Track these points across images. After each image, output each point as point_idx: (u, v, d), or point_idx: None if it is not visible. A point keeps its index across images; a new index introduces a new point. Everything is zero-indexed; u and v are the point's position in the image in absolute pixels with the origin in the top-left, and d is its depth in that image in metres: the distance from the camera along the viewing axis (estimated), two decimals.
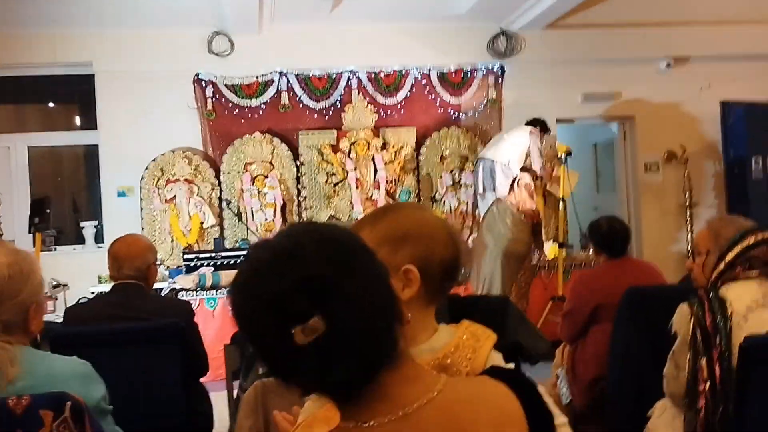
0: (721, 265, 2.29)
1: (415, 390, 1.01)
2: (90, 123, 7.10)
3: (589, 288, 3.55)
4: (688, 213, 7.43)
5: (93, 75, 6.90)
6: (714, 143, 7.67)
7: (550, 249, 6.31)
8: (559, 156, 6.07)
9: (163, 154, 6.82)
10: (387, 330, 1.04)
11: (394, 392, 1.01)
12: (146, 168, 6.78)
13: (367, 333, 1.02)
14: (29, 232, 4.84)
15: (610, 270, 3.57)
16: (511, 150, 6.04)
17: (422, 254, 1.33)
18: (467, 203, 7.05)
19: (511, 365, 1.37)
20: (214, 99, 6.96)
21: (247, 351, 2.23)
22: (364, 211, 6.77)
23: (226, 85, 6.98)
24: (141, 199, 6.78)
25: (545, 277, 6.20)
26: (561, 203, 6.13)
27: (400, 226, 1.35)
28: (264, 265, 1.07)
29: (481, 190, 6.25)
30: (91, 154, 7.23)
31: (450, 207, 7.05)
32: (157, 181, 6.78)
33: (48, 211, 4.54)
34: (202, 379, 3.33)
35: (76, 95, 7.34)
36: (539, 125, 6.24)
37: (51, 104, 7.80)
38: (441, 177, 7.10)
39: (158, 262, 3.31)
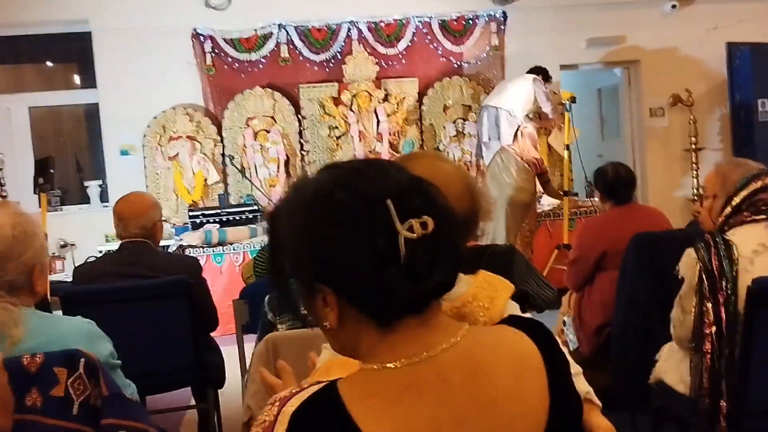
0: (728, 209, 2.28)
1: (438, 335, 1.02)
2: (89, 81, 7.07)
3: (595, 235, 3.55)
4: (693, 158, 7.37)
5: (90, 33, 6.82)
6: (720, 86, 7.57)
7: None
8: (563, 102, 6.00)
9: (164, 112, 6.80)
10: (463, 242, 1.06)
11: (418, 336, 1.01)
12: (148, 126, 6.77)
13: (459, 239, 1.05)
14: (34, 193, 4.85)
15: (616, 217, 3.57)
16: (515, 98, 6.06)
17: None
18: (471, 153, 7.07)
19: (528, 315, 1.36)
20: (213, 54, 6.90)
21: (260, 310, 2.23)
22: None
23: (224, 39, 6.91)
24: (144, 158, 6.78)
25: (550, 225, 6.21)
26: (565, 151, 6.11)
27: (421, 174, 1.33)
28: (364, 167, 1.05)
29: (486, 138, 6.28)
30: (91, 112, 7.20)
31: (454, 157, 7.02)
32: (160, 139, 6.78)
33: (52, 171, 4.54)
34: (212, 334, 3.36)
35: (74, 54, 7.32)
36: (541, 73, 6.23)
37: (49, 63, 7.77)
38: (444, 127, 7.10)
39: (163, 219, 3.29)
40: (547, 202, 6.35)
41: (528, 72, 6.33)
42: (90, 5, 6.73)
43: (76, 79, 7.59)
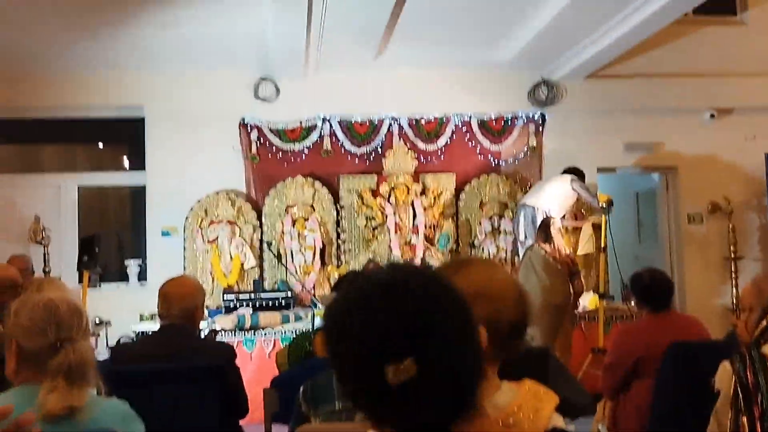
0: (764, 323, 2.30)
1: None
2: (138, 164, 7.31)
3: (631, 341, 3.52)
4: (732, 266, 7.23)
5: (143, 118, 7.11)
6: (759, 195, 7.53)
7: (590, 300, 6.28)
8: (600, 205, 6.02)
9: (207, 196, 6.96)
10: (474, 377, 1.06)
11: None
12: (191, 209, 6.92)
13: (457, 378, 1.03)
14: (77, 270, 4.95)
15: (653, 323, 3.53)
16: (553, 198, 6.06)
17: (492, 314, 1.32)
18: (506, 250, 7.05)
19: (572, 428, 1.38)
20: (258, 143, 7.11)
21: (293, 397, 2.24)
22: (402, 255, 6.82)
23: (270, 129, 7.13)
24: (184, 239, 6.88)
25: (585, 327, 6.14)
26: (601, 253, 6.09)
27: (472, 285, 1.32)
28: (363, 297, 1.06)
29: (522, 237, 6.21)
30: (138, 194, 7.39)
31: (489, 253, 7.03)
32: (201, 222, 6.90)
33: (97, 249, 4.66)
34: (240, 422, 3.39)
35: (125, 137, 7.51)
36: (576, 174, 6.27)
37: (101, 144, 8.01)
38: (480, 223, 7.11)
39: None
40: (583, 304, 6.24)
41: (563, 172, 6.39)
42: (146, 92, 7.03)
43: (126, 161, 7.72)
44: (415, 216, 6.98)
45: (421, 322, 1.03)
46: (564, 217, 6.40)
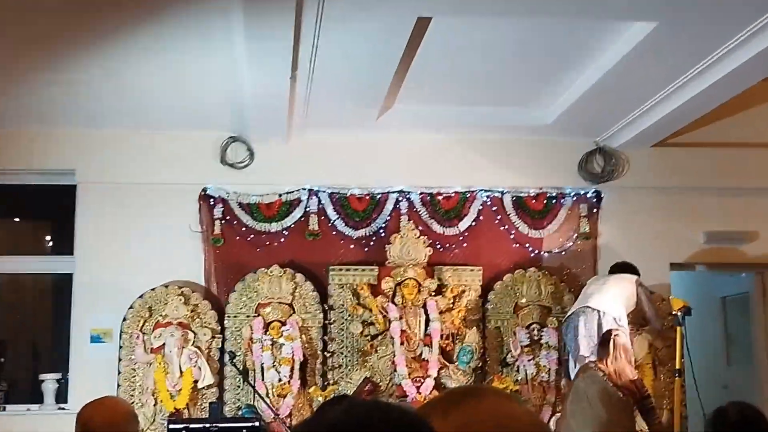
0: None
1: None
2: (64, 246, 7.36)
3: None
4: None
5: (74, 185, 7.22)
6: None
7: None
8: (673, 313, 6.10)
9: (153, 290, 6.93)
10: None
11: None
12: (130, 306, 6.86)
13: None
14: None
15: None
16: (619, 301, 6.11)
17: None
18: (549, 370, 7.00)
19: None
20: (223, 221, 7.16)
21: None
22: (410, 374, 6.75)
23: (240, 204, 7.19)
24: (120, 347, 6.82)
25: None
26: (676, 378, 6.04)
27: (481, 421, 1.32)
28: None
29: (585, 351, 6.24)
30: (61, 285, 7.43)
31: (526, 375, 6.99)
32: (143, 324, 6.85)
33: (2, 359, 4.56)
34: None
35: (49, 209, 7.64)
36: (632, 272, 6.41)
37: (16, 219, 8.03)
38: (515, 333, 7.06)
39: None
40: None
41: (612, 270, 6.56)
42: (78, 152, 7.17)
43: (48, 242, 7.86)
44: (428, 322, 6.93)
45: None
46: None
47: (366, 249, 7.26)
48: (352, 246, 7.26)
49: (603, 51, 5.79)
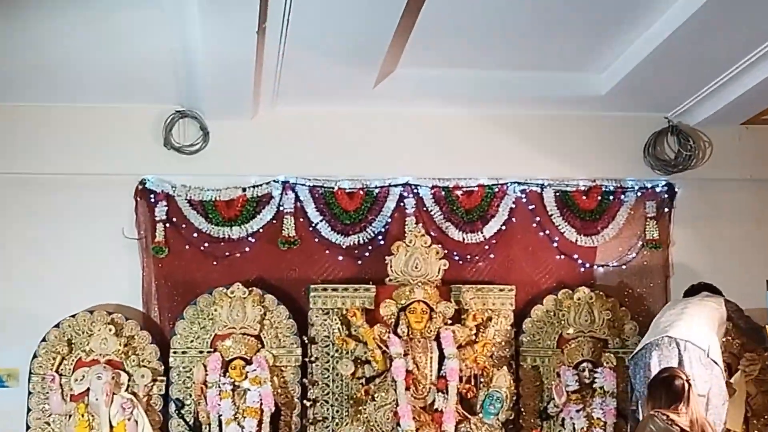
0: None
1: None
2: None
3: None
4: None
5: None
6: None
7: None
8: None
9: (73, 317, 6.79)
10: None
11: None
12: (43, 339, 6.72)
13: None
14: None
15: None
16: (706, 329, 6.09)
17: None
18: (605, 425, 6.83)
19: None
20: (168, 224, 7.06)
21: None
22: (418, 430, 6.58)
23: (190, 201, 7.10)
24: (29, 394, 6.70)
25: None
26: None
27: None
28: None
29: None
30: None
31: (573, 429, 6.85)
32: (60, 363, 6.71)
33: None
34: None
35: None
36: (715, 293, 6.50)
37: None
38: (558, 375, 6.92)
39: None
40: None
41: (688, 293, 6.61)
42: None
43: None
44: (442, 360, 6.74)
45: None
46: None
47: (359, 262, 7.19)
48: (340, 258, 7.19)
49: None
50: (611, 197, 7.31)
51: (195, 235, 7.00)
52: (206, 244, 7.01)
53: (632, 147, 7.35)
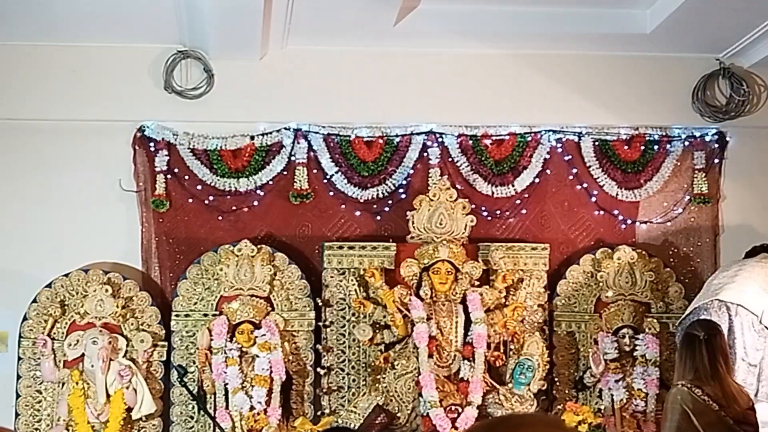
0: None
1: None
2: None
3: None
4: None
5: None
6: None
7: None
8: None
9: (66, 275, 6.79)
10: None
11: None
12: (34, 300, 6.72)
13: None
14: None
15: None
16: (762, 294, 6.05)
17: None
18: (647, 396, 6.78)
19: None
20: (169, 175, 7.04)
21: None
22: (441, 401, 6.54)
23: (193, 150, 7.07)
24: (19, 359, 6.71)
25: None
26: None
27: None
28: None
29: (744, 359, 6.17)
30: None
31: (612, 402, 6.80)
32: (52, 327, 6.69)
33: None
34: None
35: None
36: None
37: None
38: (596, 342, 6.90)
39: None
40: None
41: (748, 255, 6.55)
42: None
43: None
44: (468, 325, 6.71)
45: None
46: None
47: (378, 217, 7.18)
48: (357, 213, 7.16)
49: None
50: (656, 147, 7.26)
51: (199, 187, 7.00)
52: (211, 198, 7.00)
53: (680, 91, 7.29)
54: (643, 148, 7.24)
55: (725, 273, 6.46)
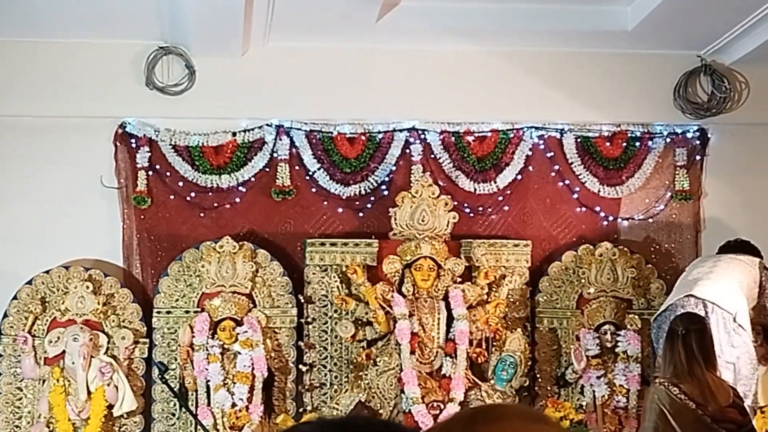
0: None
1: None
2: None
3: None
4: None
5: None
6: None
7: None
8: None
9: (47, 272, 6.81)
10: None
11: None
12: (14, 297, 6.75)
13: None
14: None
15: None
16: (736, 292, 6.08)
17: None
18: (628, 392, 6.84)
19: None
20: (150, 172, 7.04)
21: None
22: (423, 397, 6.61)
23: (175, 147, 7.07)
24: None
25: None
26: None
27: None
28: None
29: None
30: None
31: (594, 398, 6.86)
32: (33, 324, 6.72)
33: None
34: None
35: None
36: (754, 254, 6.50)
37: None
38: (578, 338, 6.93)
39: None
40: None
41: (722, 248, 6.61)
42: None
43: None
44: (450, 321, 6.74)
45: None
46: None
47: (361, 214, 7.20)
48: (340, 209, 7.19)
49: None
50: (637, 144, 7.28)
51: (180, 183, 7.00)
52: (193, 194, 7.01)
53: (661, 88, 7.30)
54: (624, 144, 7.28)
55: (699, 269, 6.48)
